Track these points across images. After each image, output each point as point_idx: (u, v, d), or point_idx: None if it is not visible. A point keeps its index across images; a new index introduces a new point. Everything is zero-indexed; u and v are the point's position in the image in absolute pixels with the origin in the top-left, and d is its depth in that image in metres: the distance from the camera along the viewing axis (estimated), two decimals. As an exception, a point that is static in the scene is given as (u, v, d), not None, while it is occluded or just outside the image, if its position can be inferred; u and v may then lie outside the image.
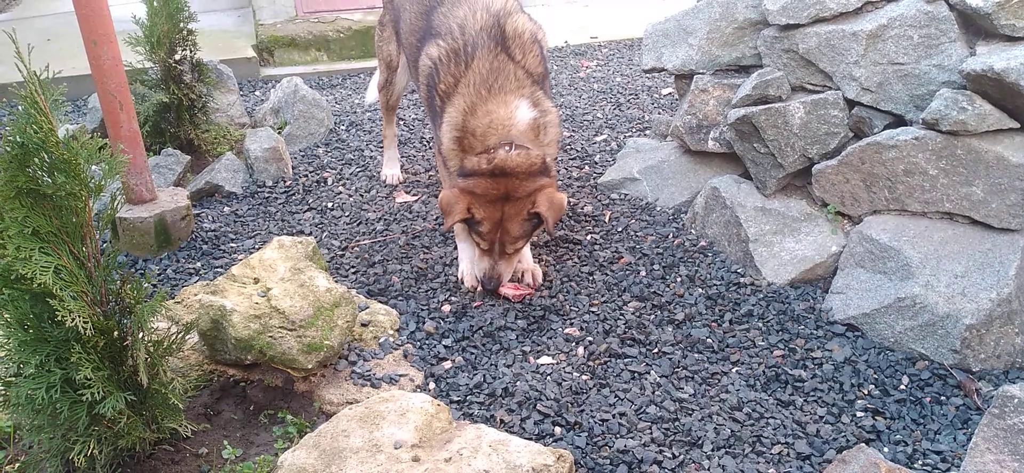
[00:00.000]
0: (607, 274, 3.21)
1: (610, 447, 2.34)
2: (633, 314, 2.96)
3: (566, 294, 3.10)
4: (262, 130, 4.39)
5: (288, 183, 4.16)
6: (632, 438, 2.37)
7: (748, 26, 3.44)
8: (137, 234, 3.46)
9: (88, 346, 2.04)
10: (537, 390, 2.56)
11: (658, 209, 3.67)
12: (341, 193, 4.06)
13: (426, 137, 4.77)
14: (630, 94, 5.21)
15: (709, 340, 2.80)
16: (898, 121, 3.01)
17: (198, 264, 3.43)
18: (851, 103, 3.09)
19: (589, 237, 3.50)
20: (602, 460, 2.30)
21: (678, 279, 3.16)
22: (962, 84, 2.79)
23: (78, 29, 3.20)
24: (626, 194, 3.83)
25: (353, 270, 3.35)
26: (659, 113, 4.74)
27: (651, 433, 2.38)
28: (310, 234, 3.65)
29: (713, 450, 2.32)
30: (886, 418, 2.46)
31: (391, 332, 2.88)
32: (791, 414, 2.47)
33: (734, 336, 2.82)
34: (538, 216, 2.96)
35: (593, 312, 2.98)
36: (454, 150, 3.05)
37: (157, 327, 2.38)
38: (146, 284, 2.23)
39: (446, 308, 3.04)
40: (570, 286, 3.15)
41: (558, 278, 3.20)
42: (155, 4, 4.07)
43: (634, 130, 4.58)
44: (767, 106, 3.17)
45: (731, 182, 3.40)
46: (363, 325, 2.87)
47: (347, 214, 3.83)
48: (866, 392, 2.56)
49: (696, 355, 2.73)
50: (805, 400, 2.53)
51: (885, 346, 2.73)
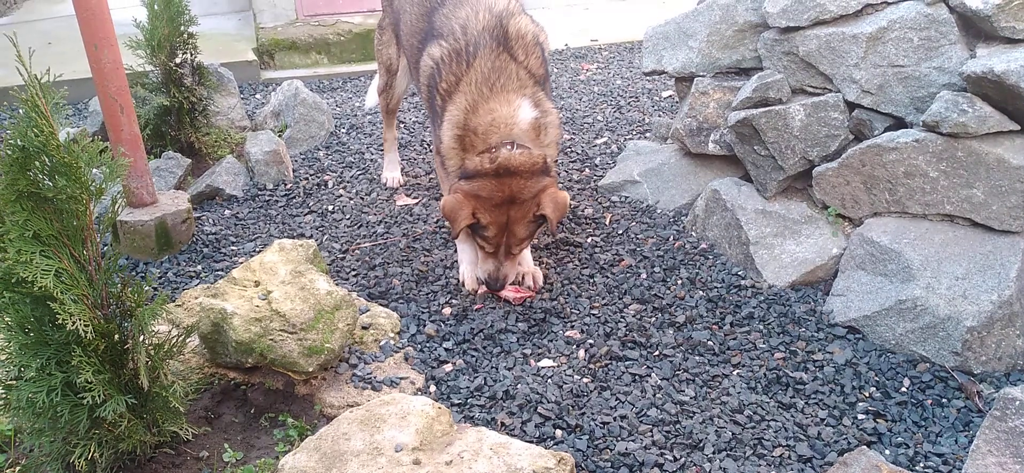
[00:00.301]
0: (608, 277, 3.21)
1: (611, 450, 2.34)
2: (634, 317, 2.96)
3: (567, 297, 3.10)
4: (263, 133, 4.40)
5: (289, 186, 4.17)
6: (633, 441, 2.36)
7: (748, 29, 3.45)
8: (138, 237, 3.46)
9: (89, 349, 2.04)
10: (538, 393, 2.56)
11: (659, 212, 3.67)
12: (342, 196, 4.06)
13: (426, 140, 4.77)
14: (630, 97, 5.22)
15: (710, 343, 2.80)
16: (898, 123, 3.01)
17: (199, 267, 3.44)
18: (851, 105, 3.09)
19: (590, 240, 3.50)
20: (603, 463, 2.29)
21: (679, 282, 3.16)
22: (962, 86, 2.79)
23: (79, 32, 3.21)
24: (626, 197, 3.83)
25: (354, 273, 3.35)
26: (659, 116, 4.74)
27: (652, 436, 2.38)
28: (311, 237, 3.65)
29: (714, 453, 2.32)
30: (887, 420, 2.45)
31: (392, 335, 2.88)
32: (792, 416, 2.47)
33: (735, 338, 2.82)
34: (543, 217, 2.97)
35: (594, 315, 2.98)
36: (454, 149, 3.04)
37: (158, 330, 2.38)
38: (147, 287, 2.23)
39: (447, 311, 3.04)
40: (571, 289, 3.15)
41: (559, 281, 3.20)
42: (156, 8, 4.08)
43: (634, 133, 4.58)
44: (767, 108, 3.17)
45: (732, 184, 3.40)
46: (364, 328, 2.87)
47: (348, 217, 3.83)
48: (867, 394, 2.55)
49: (697, 358, 2.73)
50: (806, 402, 2.53)
51: (886, 348, 2.72)
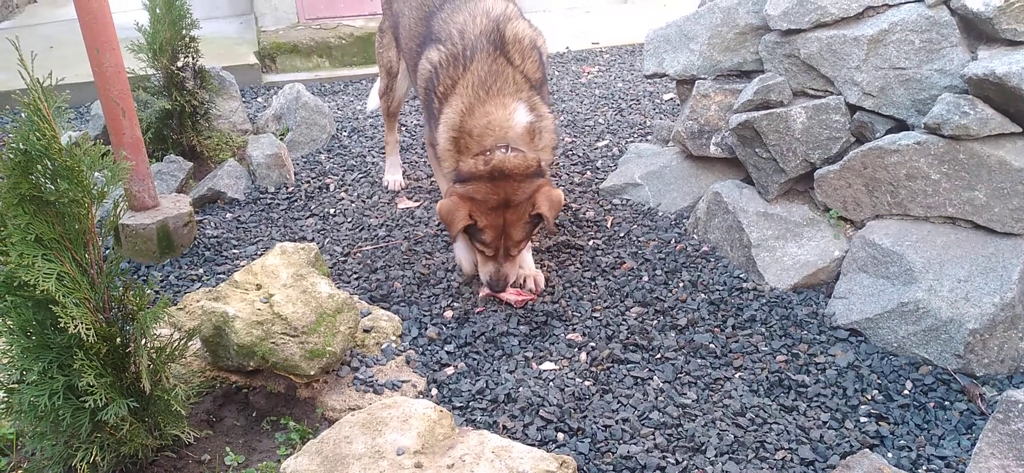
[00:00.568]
0: (609, 279, 3.21)
1: (613, 453, 2.34)
2: (635, 319, 2.95)
3: (568, 300, 3.10)
4: (264, 136, 4.40)
5: (290, 189, 4.17)
6: (635, 444, 2.36)
7: (749, 31, 3.44)
8: (140, 241, 3.46)
9: (91, 353, 2.04)
10: (540, 396, 2.56)
11: (660, 214, 3.66)
12: (343, 199, 4.06)
13: (428, 143, 4.77)
14: (632, 100, 5.22)
15: (712, 345, 2.79)
16: (900, 126, 3.00)
17: (200, 270, 3.44)
18: (853, 108, 3.09)
19: (591, 242, 3.49)
20: (605, 466, 2.29)
21: (680, 284, 3.16)
22: (964, 89, 2.79)
23: (81, 36, 3.22)
24: (628, 199, 3.83)
25: (355, 276, 3.35)
26: (661, 118, 4.74)
27: (654, 439, 2.38)
28: (312, 240, 3.65)
29: (716, 456, 2.32)
30: (890, 423, 2.45)
31: (393, 338, 2.87)
32: (794, 419, 2.46)
33: (737, 341, 2.82)
34: (539, 216, 2.98)
35: (595, 318, 2.98)
36: (450, 150, 3.06)
37: (160, 334, 2.38)
38: (148, 291, 2.23)
39: (448, 314, 3.04)
40: (572, 292, 3.15)
41: (560, 284, 3.20)
42: (157, 11, 4.08)
43: (636, 136, 4.58)
44: (769, 111, 3.17)
45: (733, 187, 3.39)
46: (365, 331, 2.87)
47: (349, 220, 3.84)
48: (869, 397, 2.55)
49: (699, 360, 2.73)
50: (808, 405, 2.52)
51: (888, 351, 2.72)
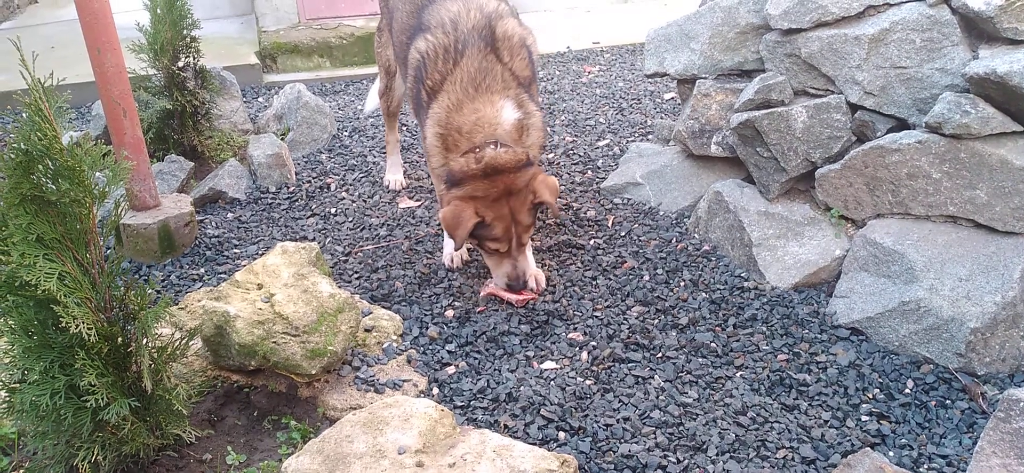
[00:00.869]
0: (610, 279, 3.21)
1: (614, 452, 2.34)
2: (637, 319, 2.95)
3: (569, 299, 3.10)
4: (265, 136, 4.40)
5: (291, 189, 4.17)
6: (636, 443, 2.36)
7: (750, 31, 3.44)
8: (141, 240, 3.46)
9: (92, 352, 2.04)
10: (541, 395, 2.56)
11: (661, 214, 3.66)
12: (344, 199, 4.06)
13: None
14: (632, 99, 5.21)
15: (713, 344, 2.79)
16: (901, 125, 3.00)
17: (202, 270, 3.44)
18: (854, 107, 3.09)
19: (592, 242, 3.49)
20: (606, 465, 2.29)
21: (682, 283, 3.16)
22: (965, 87, 2.79)
23: (82, 36, 3.22)
24: (629, 199, 3.83)
25: (356, 275, 3.35)
26: (661, 118, 4.74)
27: (655, 438, 2.38)
28: (313, 240, 3.66)
29: (717, 455, 2.32)
30: (891, 422, 2.45)
31: (394, 337, 2.88)
32: (796, 418, 2.46)
33: (738, 340, 2.82)
34: (539, 204, 3.02)
35: (596, 317, 2.98)
36: (438, 147, 3.06)
37: (161, 333, 2.38)
38: (150, 290, 2.23)
39: (449, 313, 3.04)
40: (573, 291, 3.15)
41: (561, 283, 3.20)
42: (158, 11, 4.09)
43: (637, 135, 4.58)
44: (770, 110, 3.16)
45: (734, 186, 3.39)
46: (366, 330, 2.87)
47: (350, 220, 3.84)
48: (871, 396, 2.55)
49: (700, 359, 2.73)
50: (810, 404, 2.52)
51: (890, 350, 2.72)
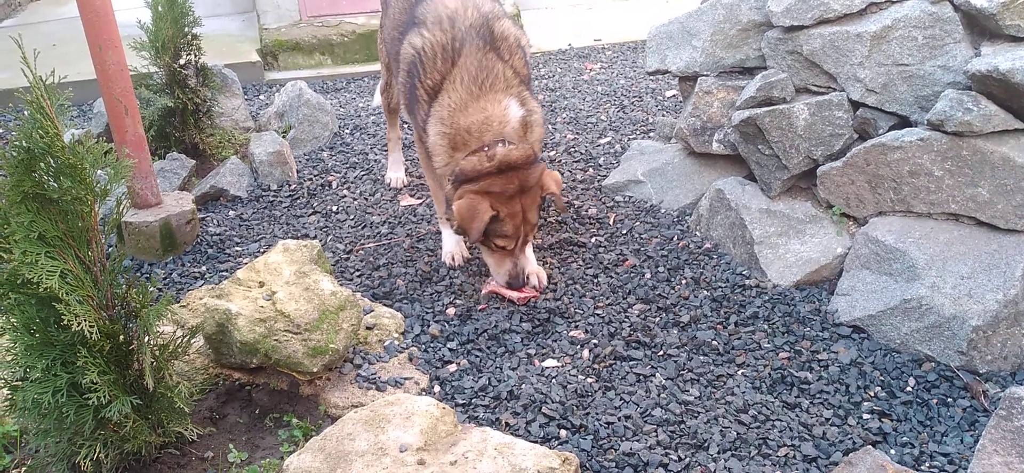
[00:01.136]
0: (612, 277, 3.21)
1: (616, 450, 2.34)
2: (638, 317, 2.95)
3: (571, 297, 3.10)
4: (267, 134, 4.40)
5: (293, 187, 4.17)
6: (638, 441, 2.36)
7: (752, 28, 3.44)
8: (143, 238, 3.47)
9: (94, 350, 2.04)
10: (542, 393, 2.56)
11: (663, 211, 3.66)
12: (346, 197, 4.06)
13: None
14: (634, 96, 5.21)
15: (714, 342, 2.79)
16: (903, 122, 3.00)
17: (203, 268, 3.44)
18: (856, 104, 3.08)
19: (593, 240, 3.49)
20: (608, 463, 2.29)
21: (683, 281, 3.15)
22: (967, 85, 2.78)
23: (83, 34, 3.22)
24: (630, 196, 3.83)
25: (358, 273, 3.35)
26: (663, 115, 4.73)
27: (657, 436, 2.38)
28: (315, 237, 3.66)
29: (719, 452, 2.32)
30: (893, 420, 2.45)
31: (396, 335, 2.88)
32: (797, 416, 2.46)
33: (739, 338, 2.82)
34: (542, 199, 3.07)
35: (598, 315, 2.98)
36: (443, 146, 3.06)
37: (163, 331, 2.39)
38: (152, 288, 2.23)
39: (451, 311, 3.04)
40: (575, 289, 3.15)
41: (562, 281, 3.20)
42: (160, 9, 4.09)
43: (638, 132, 4.58)
44: (771, 108, 3.16)
45: (736, 184, 3.39)
46: (368, 328, 2.87)
47: (352, 217, 3.84)
48: (872, 394, 2.55)
49: (701, 357, 2.73)
50: (811, 402, 2.52)
51: (891, 348, 2.72)
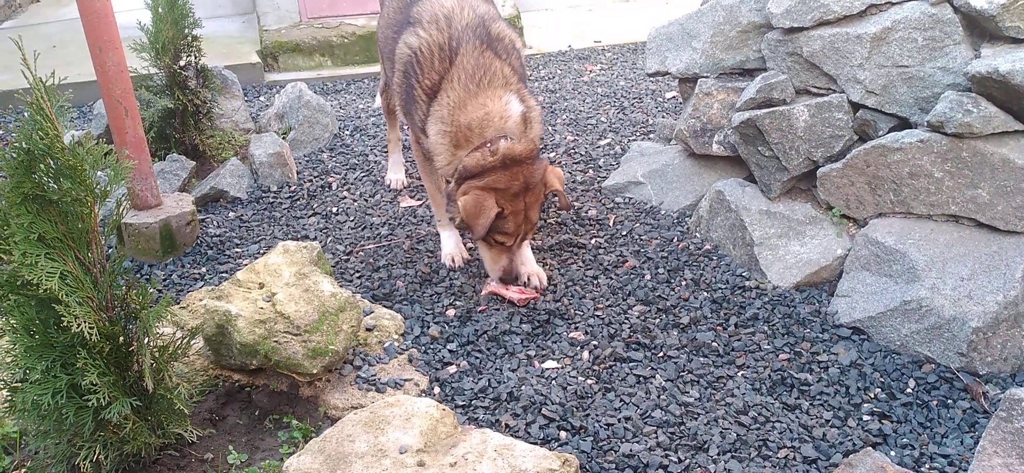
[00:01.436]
0: (611, 278, 3.21)
1: (615, 451, 2.34)
2: (638, 318, 2.95)
3: (570, 298, 3.10)
4: (267, 135, 4.40)
5: (293, 188, 4.17)
6: (637, 442, 2.36)
7: (752, 29, 3.44)
8: (142, 239, 3.46)
9: (94, 351, 2.04)
10: (542, 394, 2.56)
11: (662, 213, 3.66)
12: (346, 198, 4.06)
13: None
14: (634, 98, 5.21)
15: (714, 344, 2.79)
16: (903, 124, 3.00)
17: (203, 269, 3.44)
18: (856, 106, 3.08)
19: (593, 241, 3.49)
20: (607, 464, 2.29)
21: (683, 283, 3.15)
22: (967, 86, 2.78)
23: (83, 35, 3.22)
24: (630, 198, 3.83)
25: (358, 275, 3.35)
26: (663, 117, 4.73)
27: (656, 437, 2.38)
28: (315, 239, 3.66)
29: (719, 454, 2.32)
30: (893, 421, 2.45)
31: (396, 337, 2.88)
32: (797, 418, 2.46)
33: (739, 340, 2.82)
34: (546, 195, 3.08)
35: (598, 316, 2.97)
36: (444, 145, 3.07)
37: (162, 332, 2.38)
38: (151, 289, 2.23)
39: (451, 312, 3.04)
40: (574, 290, 3.15)
41: (562, 282, 3.20)
42: (160, 10, 4.09)
43: (638, 134, 4.58)
44: (771, 109, 3.16)
45: (736, 185, 3.39)
46: (368, 330, 2.87)
47: (352, 219, 3.84)
48: (872, 396, 2.55)
49: (701, 359, 2.73)
50: (811, 404, 2.52)
51: (891, 349, 2.72)
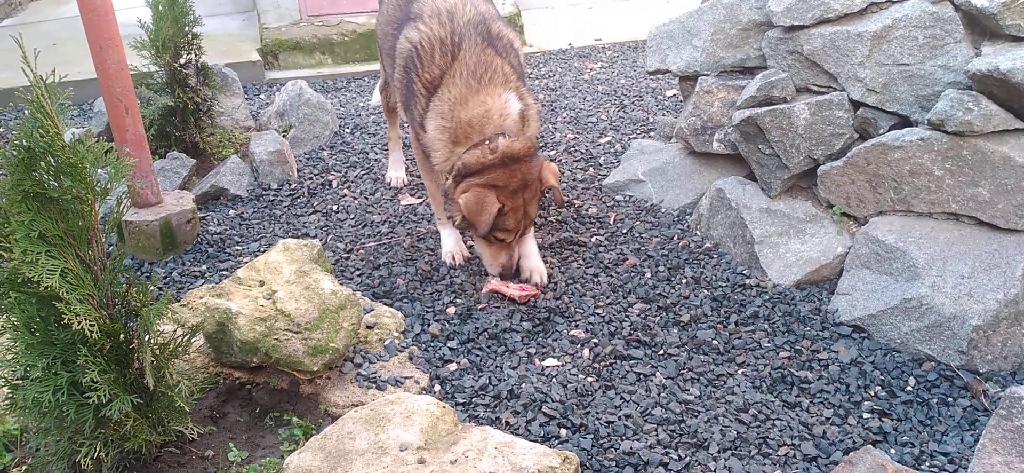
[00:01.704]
0: (612, 276, 3.21)
1: (616, 449, 2.34)
2: (638, 316, 2.95)
3: (571, 296, 3.10)
4: (267, 133, 4.40)
5: (293, 186, 4.17)
6: (638, 440, 2.36)
7: (752, 27, 3.44)
8: (143, 237, 3.47)
9: (94, 349, 2.04)
10: (542, 392, 2.56)
11: (663, 211, 3.66)
12: (346, 196, 4.06)
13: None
14: (634, 96, 5.21)
15: (715, 342, 2.79)
16: (903, 122, 3.00)
17: (203, 267, 3.44)
18: (856, 104, 3.08)
19: (594, 239, 3.49)
20: (608, 462, 2.29)
21: (683, 281, 3.16)
22: (968, 85, 2.78)
23: (84, 34, 3.22)
24: (631, 196, 3.83)
25: (358, 272, 3.35)
26: (663, 115, 4.73)
27: (657, 435, 2.38)
28: (315, 237, 3.66)
29: (719, 452, 2.32)
30: (893, 419, 2.45)
31: (396, 334, 2.88)
32: (797, 416, 2.46)
33: (740, 338, 2.82)
34: (542, 192, 3.11)
35: (598, 314, 2.98)
36: (442, 141, 3.07)
37: (163, 330, 2.39)
38: (152, 287, 2.23)
39: (451, 310, 3.04)
40: (575, 288, 3.15)
41: (563, 280, 3.20)
42: (160, 8, 4.08)
43: (638, 132, 4.58)
44: (772, 107, 3.16)
45: (736, 183, 3.39)
46: (368, 327, 2.87)
47: (352, 217, 3.84)
48: (872, 393, 2.55)
49: (702, 357, 2.73)
50: (811, 401, 2.52)
51: (891, 347, 2.72)
